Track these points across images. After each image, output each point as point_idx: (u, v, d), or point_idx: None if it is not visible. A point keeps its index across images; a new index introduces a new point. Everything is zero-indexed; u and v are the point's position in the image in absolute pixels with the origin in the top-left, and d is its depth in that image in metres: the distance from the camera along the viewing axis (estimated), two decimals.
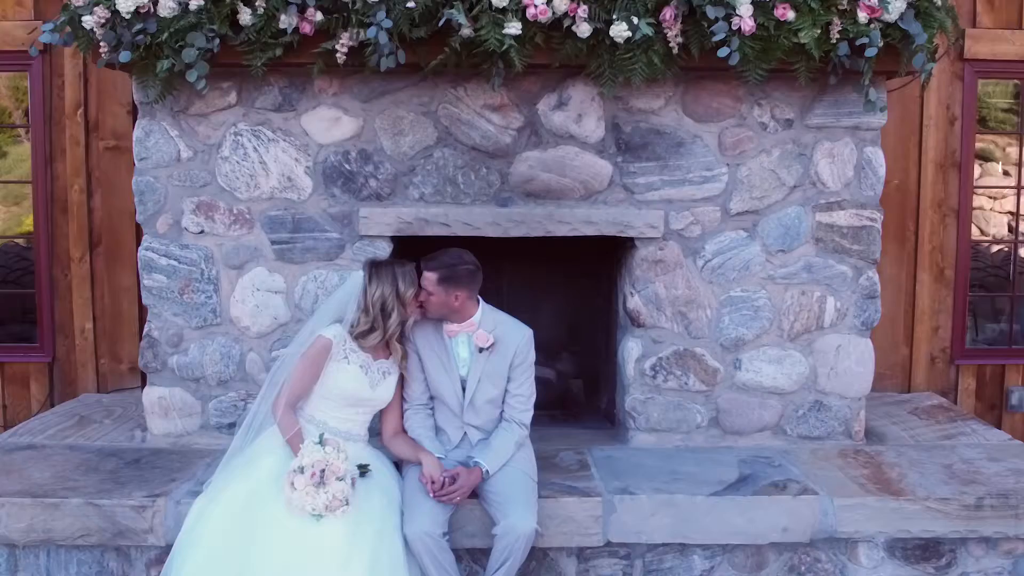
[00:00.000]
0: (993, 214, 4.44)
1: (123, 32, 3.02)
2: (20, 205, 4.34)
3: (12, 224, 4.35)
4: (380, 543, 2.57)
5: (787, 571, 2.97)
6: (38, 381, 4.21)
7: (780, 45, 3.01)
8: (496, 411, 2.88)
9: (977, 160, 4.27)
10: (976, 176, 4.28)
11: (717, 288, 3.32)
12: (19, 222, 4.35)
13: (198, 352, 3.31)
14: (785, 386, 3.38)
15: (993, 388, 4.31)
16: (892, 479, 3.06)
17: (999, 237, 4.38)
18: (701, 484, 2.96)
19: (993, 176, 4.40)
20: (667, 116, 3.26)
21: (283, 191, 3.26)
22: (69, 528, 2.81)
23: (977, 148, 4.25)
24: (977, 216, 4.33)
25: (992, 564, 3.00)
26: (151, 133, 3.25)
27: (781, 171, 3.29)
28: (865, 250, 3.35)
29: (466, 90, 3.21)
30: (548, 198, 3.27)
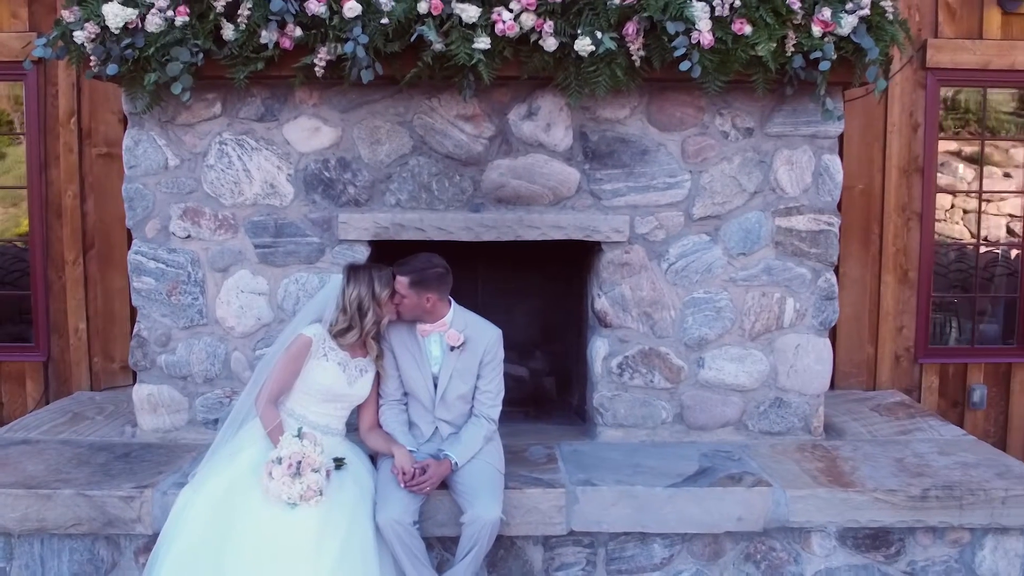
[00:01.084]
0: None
1: (112, 46, 3.19)
2: (18, 206, 4.52)
3: (10, 225, 4.52)
4: (352, 531, 2.75)
5: (743, 559, 3.14)
6: (33, 379, 4.39)
7: (738, 58, 3.18)
8: (466, 406, 3.05)
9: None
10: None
11: (681, 290, 3.49)
12: (16, 223, 4.52)
13: (185, 351, 3.49)
14: (746, 383, 3.55)
15: (956, 386, 4.48)
16: (845, 472, 3.23)
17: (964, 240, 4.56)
18: (661, 476, 3.13)
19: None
20: (632, 125, 3.43)
21: (266, 197, 3.44)
22: (61, 518, 2.99)
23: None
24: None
25: (939, 553, 3.17)
26: (140, 142, 3.42)
27: (742, 178, 3.46)
28: (823, 253, 3.52)
29: (440, 101, 3.38)
30: (518, 204, 3.44)
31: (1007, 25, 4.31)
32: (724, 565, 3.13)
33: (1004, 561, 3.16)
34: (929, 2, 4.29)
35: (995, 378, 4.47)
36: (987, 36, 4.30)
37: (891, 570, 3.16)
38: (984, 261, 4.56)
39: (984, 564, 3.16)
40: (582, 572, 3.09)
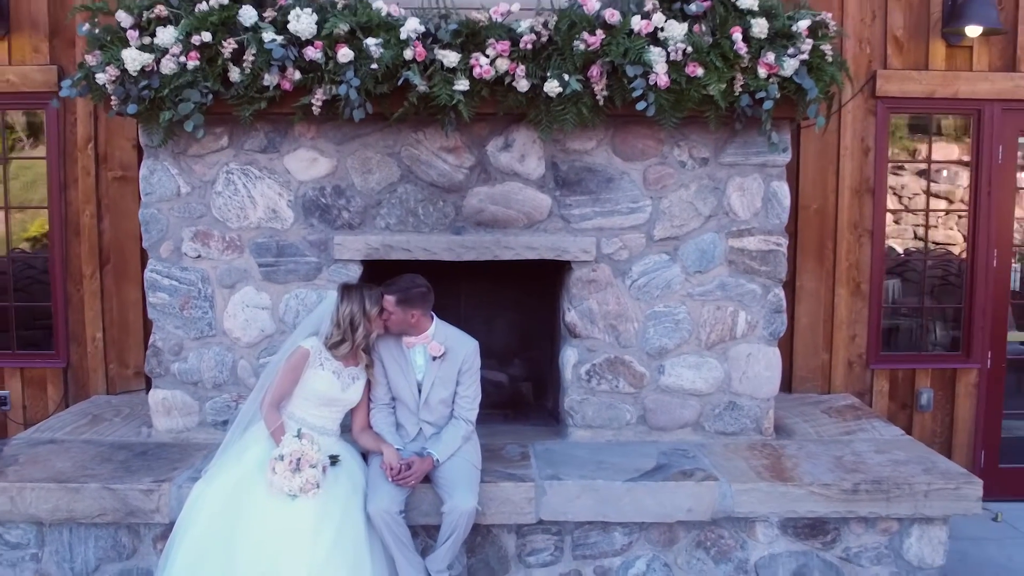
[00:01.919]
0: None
1: (131, 87, 3.59)
2: (24, 212, 4.89)
3: (17, 230, 4.87)
4: (345, 520, 3.15)
5: (695, 546, 3.54)
6: (54, 384, 4.79)
7: (691, 97, 3.58)
8: (447, 410, 3.45)
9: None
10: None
11: (643, 304, 3.89)
12: (23, 228, 4.88)
13: (196, 360, 3.89)
14: (703, 389, 3.95)
15: (905, 390, 4.88)
16: (787, 468, 3.63)
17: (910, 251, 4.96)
18: (621, 472, 3.53)
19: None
20: (598, 156, 3.83)
21: (268, 221, 3.84)
22: (88, 509, 3.39)
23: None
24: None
25: (871, 540, 3.57)
26: (155, 172, 3.82)
27: (698, 203, 3.86)
28: (772, 271, 3.92)
29: (425, 135, 3.78)
30: (496, 227, 3.84)
31: (951, 57, 4.71)
32: (678, 551, 3.53)
33: (929, 548, 3.57)
34: (879, 36, 4.69)
35: (941, 382, 4.87)
36: (932, 67, 4.70)
37: (828, 556, 3.57)
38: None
39: (911, 550, 3.57)
40: (551, 557, 3.50)
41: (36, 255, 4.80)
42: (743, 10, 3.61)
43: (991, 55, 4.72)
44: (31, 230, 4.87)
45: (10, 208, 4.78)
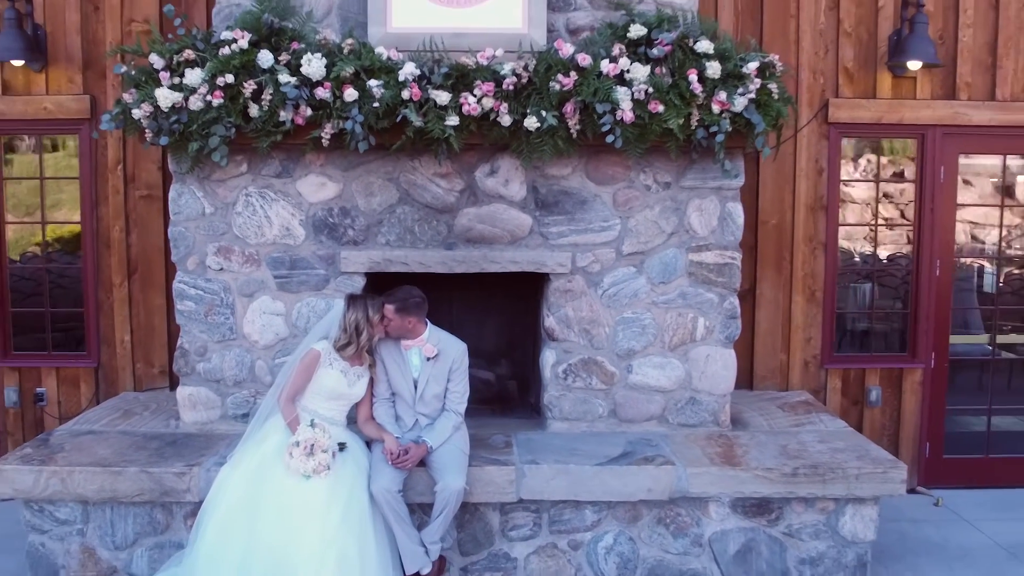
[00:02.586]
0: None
1: (163, 122, 4.15)
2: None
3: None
4: (351, 497, 3.71)
5: (656, 523, 4.09)
6: (86, 382, 5.35)
7: (653, 130, 4.13)
8: (439, 403, 4.01)
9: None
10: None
11: (613, 311, 4.45)
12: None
13: (219, 360, 4.45)
14: (667, 386, 4.51)
15: (856, 387, 5.43)
16: (737, 455, 4.18)
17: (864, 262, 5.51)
18: (591, 458, 4.09)
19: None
20: (574, 180, 4.39)
21: (283, 238, 4.39)
22: (129, 489, 3.95)
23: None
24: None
25: (811, 518, 4.12)
26: (182, 194, 4.38)
27: (661, 222, 4.42)
28: (728, 281, 4.47)
29: (420, 162, 4.34)
30: (483, 243, 4.39)
31: (896, 86, 5.26)
32: (641, 527, 4.09)
33: (861, 524, 4.12)
34: (831, 67, 5.24)
35: (889, 381, 5.42)
36: (880, 95, 5.25)
37: (773, 532, 4.12)
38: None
39: (845, 527, 4.12)
40: (530, 532, 4.06)
41: (69, 265, 5.35)
42: (699, 53, 4.17)
43: (933, 84, 5.28)
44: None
45: (46, 223, 5.34)
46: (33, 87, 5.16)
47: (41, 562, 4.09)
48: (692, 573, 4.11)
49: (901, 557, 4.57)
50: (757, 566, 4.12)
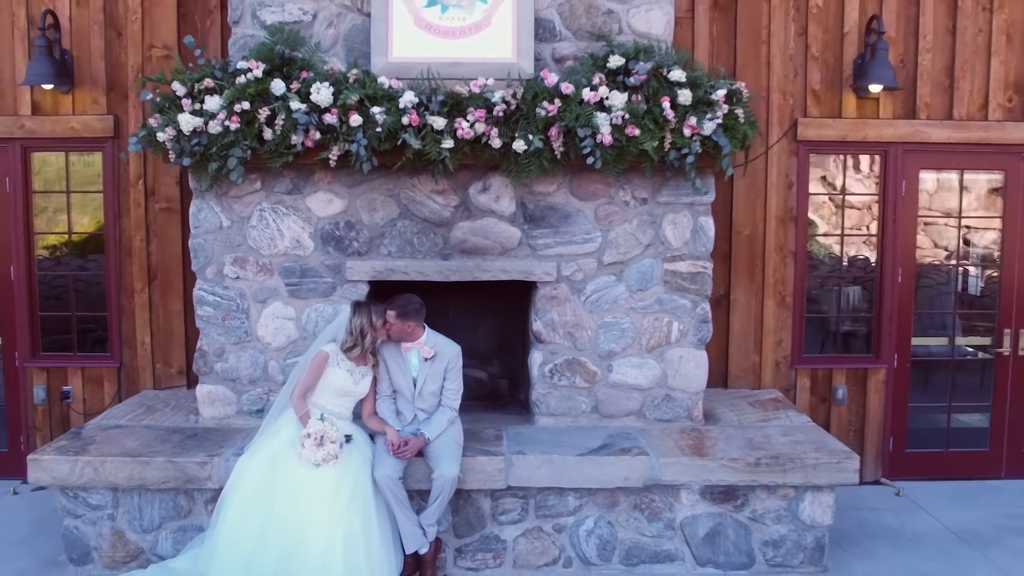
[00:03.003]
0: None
1: (185, 144, 4.60)
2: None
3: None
4: (357, 484, 4.17)
5: (633, 508, 4.55)
6: (110, 381, 5.81)
7: (630, 152, 4.59)
8: (436, 400, 4.47)
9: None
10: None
11: (595, 316, 4.91)
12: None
13: (235, 360, 4.91)
14: (644, 384, 4.97)
15: (824, 386, 5.89)
16: (707, 447, 4.64)
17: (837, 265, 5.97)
18: (574, 449, 4.54)
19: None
20: (559, 197, 4.84)
21: (293, 249, 4.85)
22: (155, 477, 4.41)
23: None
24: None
25: (773, 504, 4.58)
26: (202, 209, 4.84)
27: (639, 234, 4.88)
28: (700, 288, 4.93)
29: (419, 181, 4.80)
30: (476, 254, 4.85)
31: (860, 107, 5.71)
32: (619, 512, 4.54)
33: (819, 509, 4.57)
34: (800, 89, 5.69)
35: (855, 380, 5.88)
36: (845, 115, 5.71)
37: (739, 516, 4.58)
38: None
39: (805, 512, 4.57)
40: (518, 516, 4.52)
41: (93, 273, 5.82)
42: (672, 82, 4.63)
43: (895, 105, 5.73)
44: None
45: (73, 233, 5.80)
46: (61, 108, 5.63)
47: (75, 543, 4.55)
48: (665, 554, 4.57)
49: (859, 541, 5.03)
50: (724, 548, 4.58)
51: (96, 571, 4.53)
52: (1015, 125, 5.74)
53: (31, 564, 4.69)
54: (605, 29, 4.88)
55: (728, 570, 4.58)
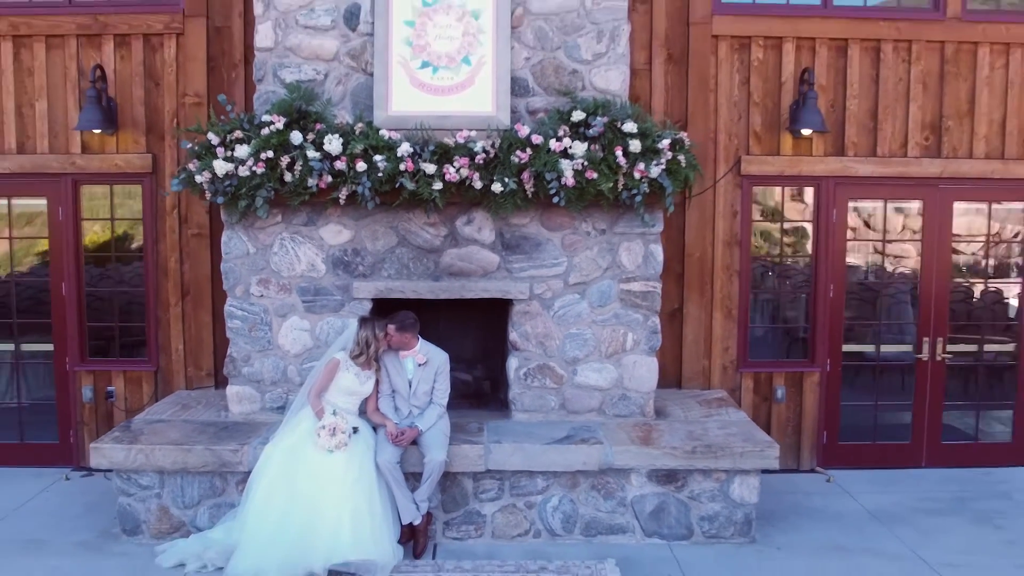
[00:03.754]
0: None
1: (218, 185, 5.63)
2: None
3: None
4: (362, 467, 5.20)
5: (591, 488, 5.56)
6: (148, 383, 6.85)
7: (589, 192, 5.60)
8: (428, 398, 5.49)
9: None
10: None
11: (562, 328, 5.93)
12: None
13: (259, 365, 5.94)
14: (604, 385, 5.99)
15: (766, 387, 6.91)
16: (653, 438, 5.65)
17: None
18: (542, 439, 5.56)
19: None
20: (531, 228, 5.87)
21: (308, 272, 5.88)
22: (196, 462, 5.43)
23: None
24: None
25: (708, 486, 5.59)
26: (232, 239, 5.86)
27: (599, 259, 5.90)
28: (650, 305, 5.95)
29: (414, 215, 5.82)
30: (462, 276, 5.88)
31: (796, 145, 6.73)
32: (579, 491, 5.56)
33: (747, 490, 5.58)
34: (743, 131, 6.71)
35: (793, 381, 6.90)
36: (783, 153, 6.73)
37: (680, 496, 5.59)
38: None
39: (735, 492, 5.58)
40: (496, 494, 5.54)
41: (133, 289, 6.85)
42: (625, 133, 5.64)
43: (826, 144, 6.75)
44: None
45: (117, 254, 6.84)
46: (107, 147, 6.66)
47: (128, 518, 5.57)
48: (618, 527, 5.58)
49: (788, 519, 6.04)
50: (668, 522, 5.59)
51: (145, 541, 5.55)
52: (930, 161, 6.76)
53: (89, 535, 5.71)
54: (571, 86, 5.91)
55: (671, 540, 5.60)
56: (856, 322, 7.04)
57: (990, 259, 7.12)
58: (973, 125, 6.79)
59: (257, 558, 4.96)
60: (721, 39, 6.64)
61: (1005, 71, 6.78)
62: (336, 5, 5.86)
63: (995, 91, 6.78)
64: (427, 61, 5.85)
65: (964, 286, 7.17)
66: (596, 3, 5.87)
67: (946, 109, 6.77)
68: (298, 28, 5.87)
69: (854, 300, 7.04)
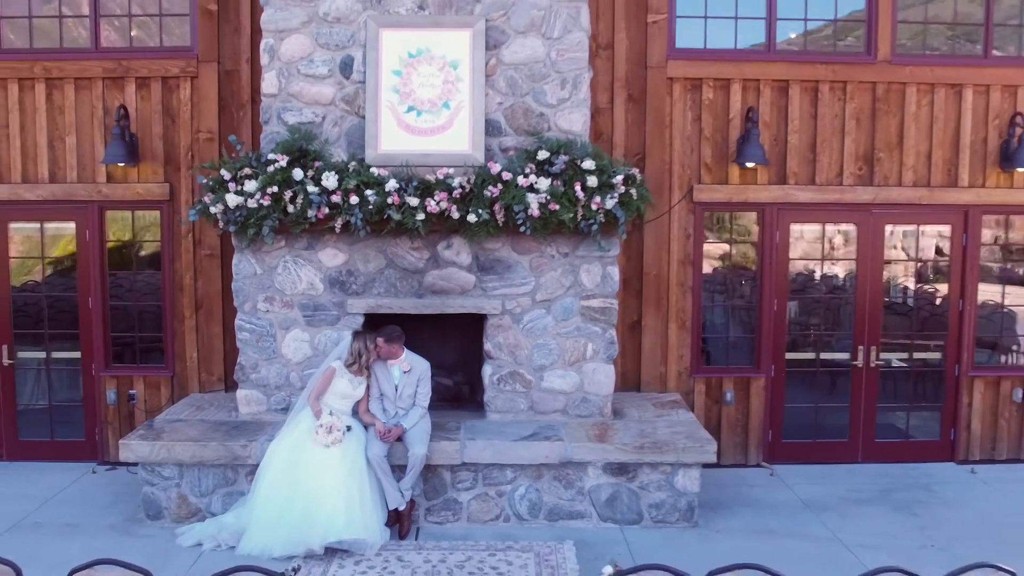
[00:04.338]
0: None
1: (231, 215, 6.57)
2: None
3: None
4: (355, 460, 6.15)
5: (553, 479, 6.50)
6: (165, 387, 7.80)
7: (552, 222, 6.54)
8: (411, 401, 6.44)
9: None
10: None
11: (530, 339, 6.87)
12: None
13: (265, 372, 6.88)
14: (567, 389, 6.93)
15: (717, 391, 7.85)
16: (609, 435, 6.59)
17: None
18: (511, 436, 6.50)
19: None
20: (503, 252, 6.81)
21: (308, 290, 6.82)
22: (211, 456, 6.38)
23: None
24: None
25: (656, 477, 6.52)
26: (241, 261, 6.81)
27: (562, 279, 6.83)
28: (608, 319, 6.88)
29: (400, 241, 6.77)
30: (443, 294, 6.82)
31: (743, 175, 7.67)
32: (544, 482, 6.49)
33: (689, 481, 6.51)
34: (695, 162, 7.64)
35: (741, 386, 7.84)
36: (731, 182, 7.66)
37: (631, 486, 6.52)
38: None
39: (679, 483, 6.51)
40: (471, 484, 6.48)
41: (152, 303, 7.80)
42: (584, 170, 6.57)
43: (770, 173, 7.68)
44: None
45: (137, 272, 7.79)
46: (129, 177, 7.62)
47: (151, 504, 6.52)
48: (578, 513, 6.52)
49: (729, 507, 6.97)
50: (620, 508, 6.52)
51: (166, 524, 6.49)
52: (863, 188, 7.70)
53: (118, 520, 6.66)
54: (538, 127, 6.84)
55: (623, 525, 6.53)
56: (799, 333, 7.98)
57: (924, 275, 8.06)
58: (902, 156, 7.73)
59: (264, 538, 5.92)
60: (676, 81, 7.58)
61: (930, 108, 7.71)
62: (332, 56, 6.81)
63: (921, 126, 7.72)
64: (412, 106, 6.79)
65: (896, 300, 8.11)
66: (560, 55, 6.82)
67: (878, 142, 7.71)
68: (299, 76, 6.82)
69: (798, 312, 7.98)
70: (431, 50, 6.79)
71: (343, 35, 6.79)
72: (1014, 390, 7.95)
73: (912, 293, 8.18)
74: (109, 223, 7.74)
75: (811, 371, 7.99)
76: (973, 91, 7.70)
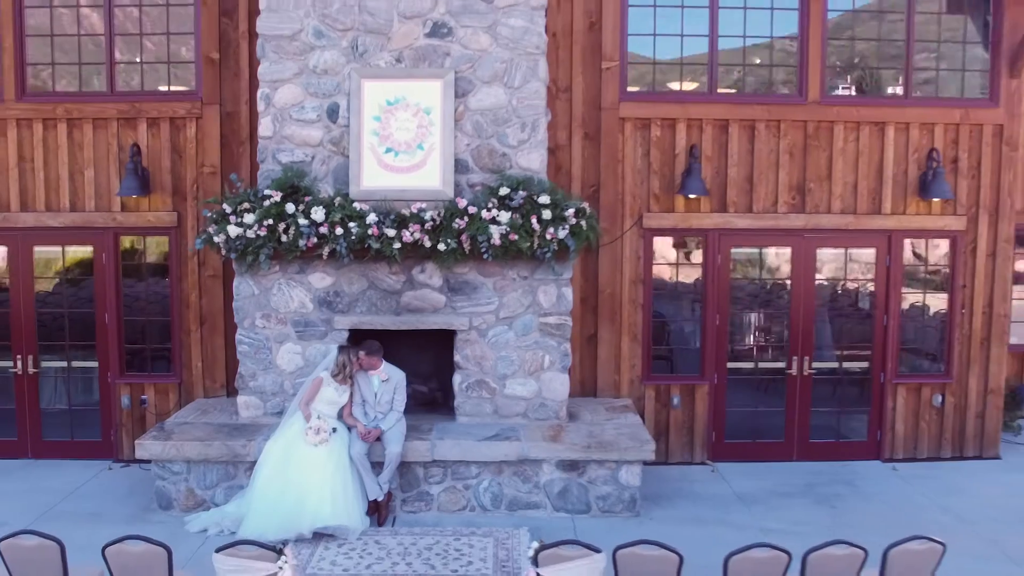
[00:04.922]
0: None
1: (232, 244, 7.66)
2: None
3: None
4: (340, 458, 7.24)
5: (513, 475, 7.58)
6: (173, 392, 8.90)
7: (512, 250, 7.62)
8: (389, 406, 7.53)
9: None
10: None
11: (495, 351, 7.95)
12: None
13: (262, 380, 7.98)
14: (527, 396, 8.02)
15: (665, 396, 8.93)
16: (561, 436, 7.67)
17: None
18: (476, 436, 7.59)
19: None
20: (470, 275, 7.89)
21: (300, 309, 7.91)
22: (215, 454, 7.47)
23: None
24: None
25: (602, 473, 7.60)
26: (241, 284, 7.90)
27: (522, 299, 7.92)
28: (563, 334, 7.97)
29: (380, 266, 7.85)
30: (418, 312, 7.90)
31: (688, 204, 8.73)
32: (504, 477, 7.58)
33: (632, 476, 7.59)
34: (645, 192, 8.71)
35: (687, 392, 8.92)
36: (677, 210, 8.73)
37: (581, 480, 7.60)
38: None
39: (622, 478, 7.59)
40: (440, 479, 7.57)
41: (161, 318, 8.89)
42: (540, 204, 7.64)
43: (712, 202, 8.75)
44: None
45: (149, 290, 8.88)
46: (141, 206, 8.71)
47: (163, 496, 7.61)
48: (534, 504, 7.60)
49: (670, 499, 8.05)
50: (571, 500, 7.60)
51: (176, 514, 7.58)
52: (796, 215, 8.77)
53: (134, 510, 7.75)
54: (501, 166, 7.91)
55: (574, 514, 7.61)
56: (739, 345, 9.06)
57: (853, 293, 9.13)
58: (831, 187, 8.79)
59: (261, 524, 7.01)
60: (627, 120, 8.64)
61: (856, 143, 8.77)
62: (321, 104, 7.89)
63: (848, 160, 8.78)
64: (390, 147, 7.87)
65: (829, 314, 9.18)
66: (520, 102, 7.89)
67: (809, 174, 8.77)
68: (291, 121, 7.90)
69: (735, 326, 9.06)
70: (407, 98, 7.87)
71: (330, 85, 7.87)
72: (934, 395, 9.02)
73: (843, 309, 9.25)
74: (124, 247, 8.86)
75: (751, 378, 9.07)
76: (895, 128, 8.77)
